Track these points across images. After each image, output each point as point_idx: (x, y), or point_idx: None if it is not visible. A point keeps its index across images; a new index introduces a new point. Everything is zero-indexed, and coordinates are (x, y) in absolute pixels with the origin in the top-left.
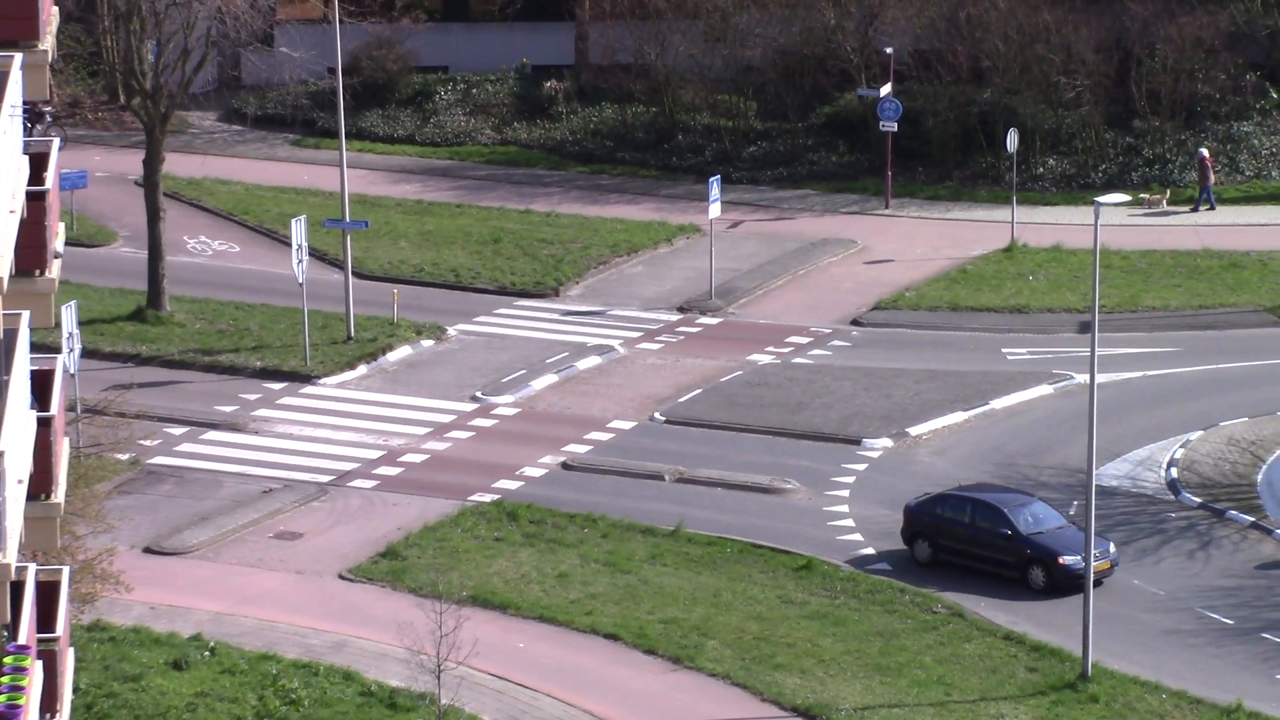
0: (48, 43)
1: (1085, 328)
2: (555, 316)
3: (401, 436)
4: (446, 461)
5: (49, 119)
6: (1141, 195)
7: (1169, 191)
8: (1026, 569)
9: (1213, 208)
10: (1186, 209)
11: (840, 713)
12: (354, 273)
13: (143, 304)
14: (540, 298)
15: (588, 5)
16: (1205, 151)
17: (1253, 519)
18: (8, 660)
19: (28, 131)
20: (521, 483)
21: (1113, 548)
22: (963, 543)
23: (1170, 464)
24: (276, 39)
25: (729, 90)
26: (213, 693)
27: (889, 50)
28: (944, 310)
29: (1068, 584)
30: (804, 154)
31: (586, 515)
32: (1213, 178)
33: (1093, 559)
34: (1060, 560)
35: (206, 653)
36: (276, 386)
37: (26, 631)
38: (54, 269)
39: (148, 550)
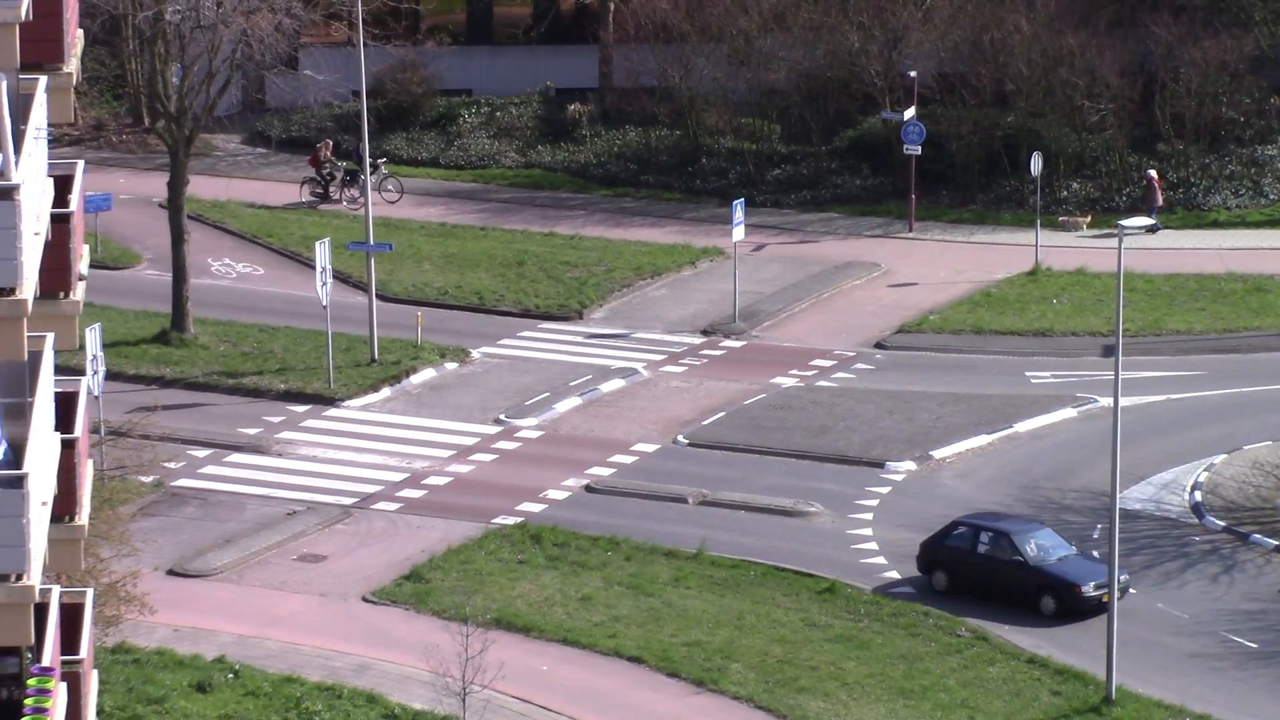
0: (73, 66)
1: (1109, 351)
2: (579, 339)
3: (425, 459)
4: (470, 484)
5: None
6: (1061, 218)
7: (1090, 216)
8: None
9: (1156, 230)
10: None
11: None
12: (378, 295)
13: (167, 326)
14: (564, 320)
15: (611, 28)
16: (1154, 173)
17: (1277, 543)
18: (32, 682)
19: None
20: (545, 505)
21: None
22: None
23: (1194, 487)
24: (301, 62)
25: (753, 113)
26: (236, 715)
27: (913, 73)
28: (968, 333)
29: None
30: (828, 177)
31: (610, 538)
32: (1160, 199)
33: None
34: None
35: (230, 675)
36: (300, 409)
37: (51, 654)
38: (78, 291)
39: (171, 572)
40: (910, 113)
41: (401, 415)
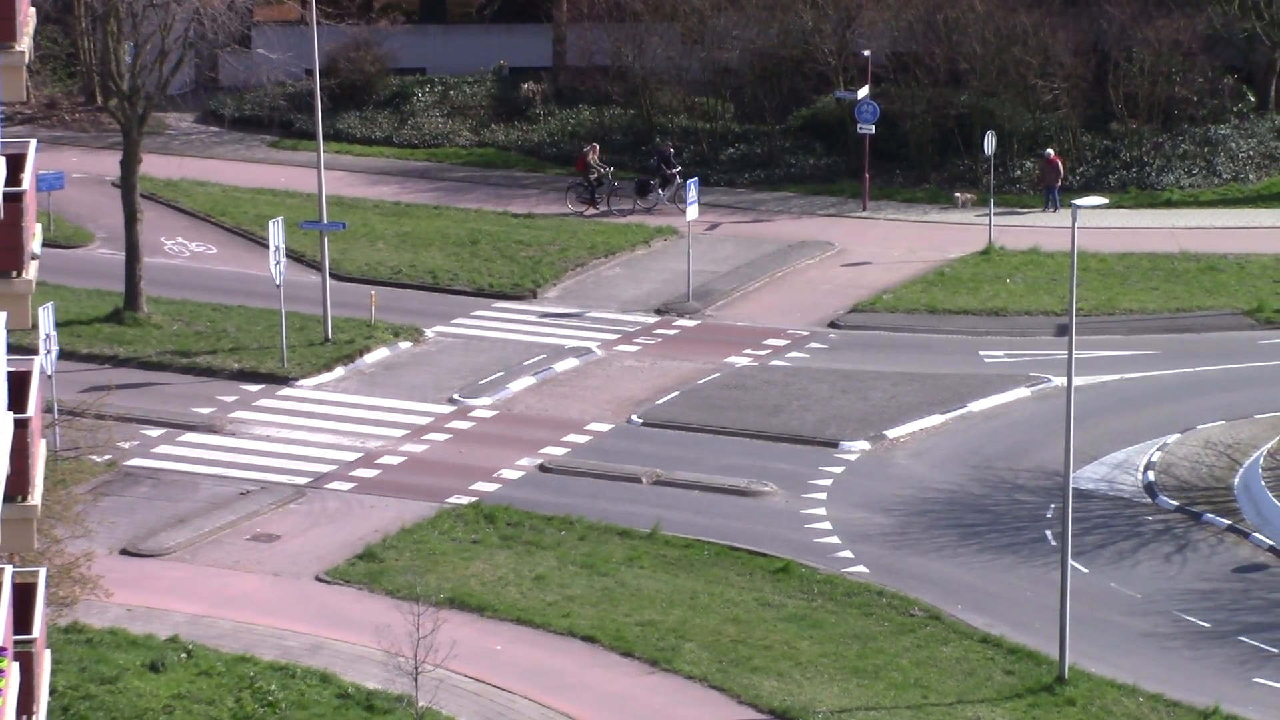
0: (25, 44)
1: (1063, 330)
2: (533, 318)
3: (379, 439)
4: (424, 464)
5: None
6: (955, 195)
7: (976, 194)
8: None
9: (1056, 209)
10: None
11: (817, 715)
12: (331, 274)
13: (120, 305)
14: (518, 300)
15: (565, 7)
16: (1051, 152)
17: (1229, 522)
18: None
19: None
20: (499, 485)
21: None
22: None
23: (1147, 467)
24: (254, 40)
25: (706, 92)
26: (190, 695)
27: (866, 53)
28: (921, 313)
29: None
30: (782, 156)
31: (564, 517)
32: (1059, 179)
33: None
34: None
35: (183, 655)
36: (253, 388)
37: (3, 633)
38: (31, 270)
39: (124, 552)
40: (864, 92)
41: (355, 395)
